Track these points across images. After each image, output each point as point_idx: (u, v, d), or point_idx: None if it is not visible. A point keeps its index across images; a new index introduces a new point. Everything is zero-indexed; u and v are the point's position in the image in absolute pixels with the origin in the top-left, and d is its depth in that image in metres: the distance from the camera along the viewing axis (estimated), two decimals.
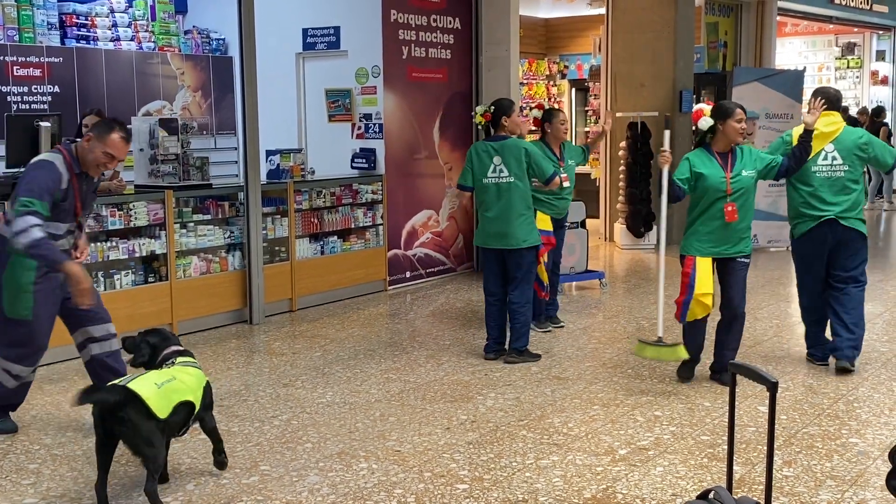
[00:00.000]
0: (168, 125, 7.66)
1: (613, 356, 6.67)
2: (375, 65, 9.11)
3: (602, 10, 12.60)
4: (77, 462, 4.70)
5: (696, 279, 5.66)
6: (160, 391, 4.06)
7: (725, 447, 4.03)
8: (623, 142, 11.70)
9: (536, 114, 7.70)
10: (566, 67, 16.21)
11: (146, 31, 10.32)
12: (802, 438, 4.97)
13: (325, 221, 8.58)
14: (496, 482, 4.39)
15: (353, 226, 8.84)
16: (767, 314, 8.01)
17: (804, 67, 18.03)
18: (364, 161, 9.20)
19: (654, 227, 11.61)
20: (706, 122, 5.64)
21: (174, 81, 10.47)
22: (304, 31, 9.57)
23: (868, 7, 18.42)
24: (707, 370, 6.03)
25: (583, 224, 9.36)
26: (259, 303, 7.85)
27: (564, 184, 6.94)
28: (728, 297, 5.79)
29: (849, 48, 20.84)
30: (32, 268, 4.73)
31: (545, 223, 7.23)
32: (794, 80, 12.00)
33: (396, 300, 8.85)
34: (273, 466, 4.61)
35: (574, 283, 9.27)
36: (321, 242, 8.58)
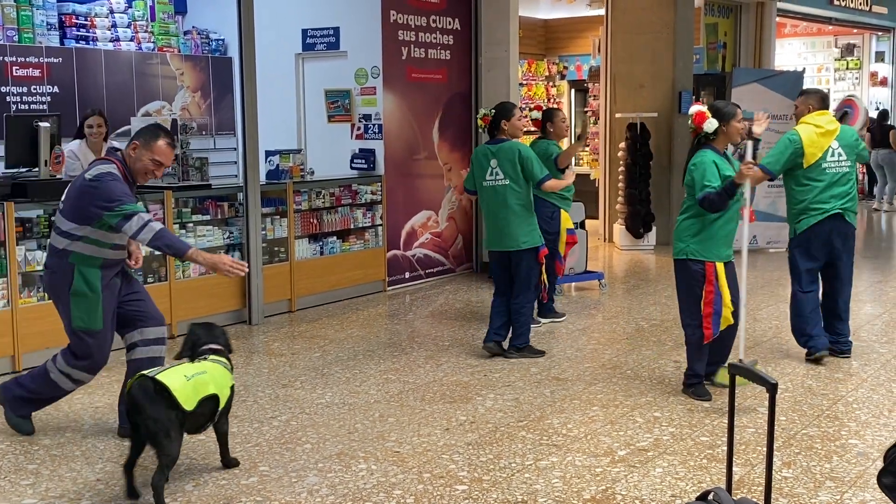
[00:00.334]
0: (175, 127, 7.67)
1: (613, 357, 6.67)
2: (375, 65, 9.12)
3: (601, 11, 12.61)
4: (76, 462, 4.70)
5: (721, 287, 5.52)
6: (189, 383, 4.15)
7: (725, 448, 4.03)
8: (622, 142, 11.70)
9: (536, 115, 7.82)
10: (565, 68, 16.21)
11: (146, 32, 10.32)
12: (802, 439, 4.97)
13: (325, 222, 8.57)
14: (495, 483, 4.39)
15: (353, 226, 8.84)
16: (767, 315, 8.01)
17: (803, 69, 18.03)
18: (363, 162, 9.20)
19: (654, 228, 11.62)
20: (712, 124, 5.45)
21: (173, 82, 10.46)
22: (304, 32, 9.57)
23: (867, 8, 18.43)
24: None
25: (582, 225, 9.36)
26: (258, 303, 7.85)
27: (569, 180, 6.90)
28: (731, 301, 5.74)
29: (848, 49, 20.85)
30: (99, 277, 4.75)
31: (567, 222, 7.58)
32: (794, 82, 11.99)
33: (395, 301, 8.85)
34: (272, 467, 4.60)
35: (573, 284, 9.27)
36: (320, 243, 8.58)
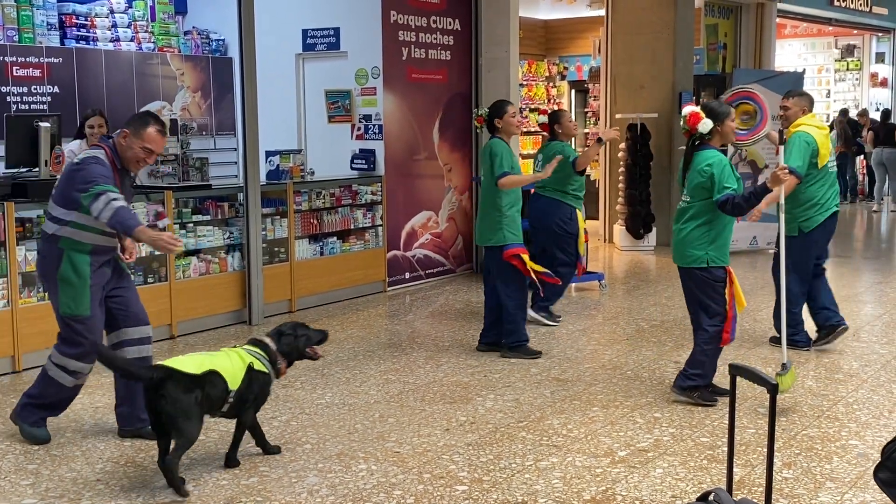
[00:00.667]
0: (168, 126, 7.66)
1: (613, 358, 6.67)
2: (375, 66, 9.12)
3: (602, 12, 12.61)
4: (76, 462, 4.69)
5: (736, 291, 5.45)
6: (193, 359, 4.40)
7: (725, 449, 4.04)
8: (622, 143, 11.70)
9: (543, 119, 7.94)
10: (566, 69, 16.21)
11: (146, 32, 10.33)
12: (802, 440, 4.97)
13: (325, 222, 8.57)
14: (495, 483, 4.39)
15: (353, 227, 8.84)
16: (766, 316, 7.99)
17: (804, 69, 18.05)
18: (363, 162, 9.20)
19: (654, 229, 11.62)
20: (707, 125, 5.40)
21: (174, 82, 10.47)
22: (304, 32, 9.57)
23: (868, 9, 18.44)
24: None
25: None
26: (258, 304, 7.85)
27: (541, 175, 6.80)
28: None
29: (848, 50, 20.86)
30: (88, 262, 4.74)
31: (582, 222, 7.71)
32: (794, 82, 11.96)
33: (396, 301, 8.85)
34: (272, 467, 4.60)
35: (573, 285, 9.26)
36: (320, 243, 8.58)
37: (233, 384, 4.42)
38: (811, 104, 6.70)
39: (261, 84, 7.90)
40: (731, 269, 5.47)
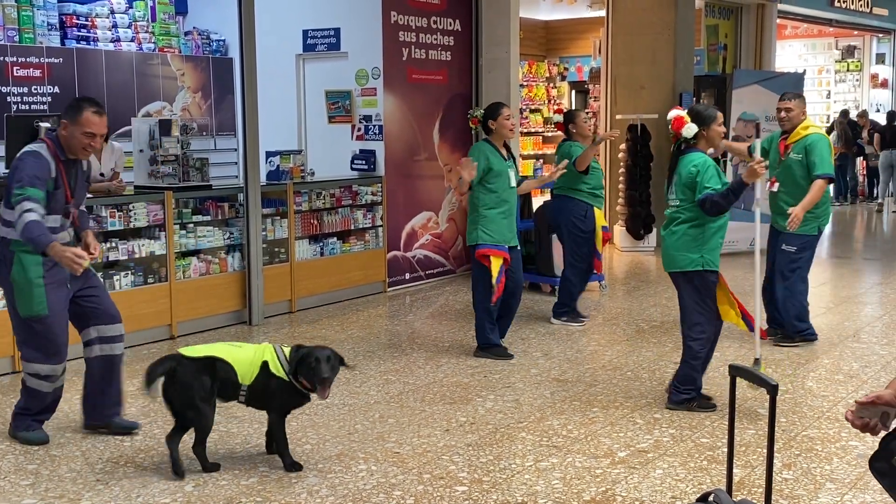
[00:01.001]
0: (167, 126, 7.66)
1: (613, 358, 6.67)
2: (375, 66, 9.12)
3: (602, 13, 12.61)
4: (76, 462, 4.69)
5: (725, 299, 5.44)
6: (203, 347, 4.61)
7: (725, 450, 4.03)
8: (623, 144, 11.70)
9: (558, 118, 8.00)
10: (566, 69, 16.23)
11: (146, 32, 10.32)
12: (802, 441, 4.97)
13: (325, 223, 8.57)
14: (495, 484, 4.39)
15: (353, 227, 8.84)
16: (766, 316, 7.99)
17: (804, 70, 18.05)
18: (364, 162, 9.20)
19: (654, 230, 11.61)
20: (691, 129, 5.34)
21: (174, 82, 10.46)
22: (305, 33, 9.57)
23: (868, 10, 18.44)
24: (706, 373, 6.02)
25: None
26: (258, 304, 7.85)
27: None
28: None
29: (849, 51, 20.87)
30: (39, 262, 4.71)
31: (601, 219, 7.78)
32: (795, 83, 11.99)
33: (396, 302, 8.85)
34: (272, 468, 4.60)
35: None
36: (321, 244, 8.58)
37: (244, 379, 4.46)
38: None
39: (261, 84, 7.90)
40: (723, 275, 5.43)
